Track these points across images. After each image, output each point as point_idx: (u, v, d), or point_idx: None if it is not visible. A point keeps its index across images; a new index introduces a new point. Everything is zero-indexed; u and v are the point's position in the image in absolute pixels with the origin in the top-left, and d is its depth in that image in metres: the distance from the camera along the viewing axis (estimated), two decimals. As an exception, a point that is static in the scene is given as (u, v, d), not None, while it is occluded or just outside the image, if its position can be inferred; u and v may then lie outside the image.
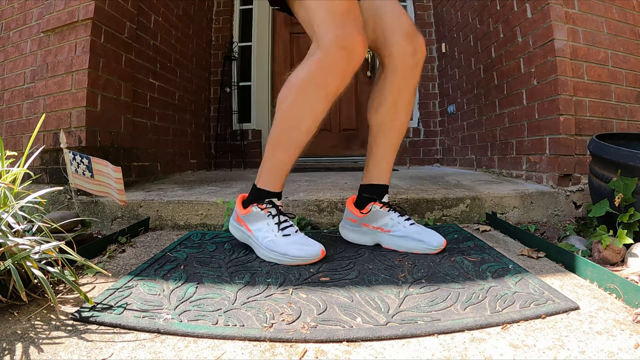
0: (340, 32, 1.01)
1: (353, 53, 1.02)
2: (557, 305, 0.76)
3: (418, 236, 1.13)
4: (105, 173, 1.24)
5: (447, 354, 0.62)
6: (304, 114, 1.08)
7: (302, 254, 1.03)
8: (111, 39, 1.78)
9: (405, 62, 1.18)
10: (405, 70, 1.19)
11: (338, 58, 1.02)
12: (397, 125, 1.22)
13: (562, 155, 1.60)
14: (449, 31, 2.93)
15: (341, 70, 1.03)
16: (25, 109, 1.85)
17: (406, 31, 1.18)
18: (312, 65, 1.05)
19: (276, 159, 1.13)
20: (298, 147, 1.11)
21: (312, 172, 2.64)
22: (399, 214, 1.19)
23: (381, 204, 1.20)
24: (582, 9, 1.65)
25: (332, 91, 1.05)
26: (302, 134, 1.09)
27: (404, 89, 1.20)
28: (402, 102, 1.21)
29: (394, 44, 1.17)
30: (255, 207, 1.12)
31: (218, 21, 3.41)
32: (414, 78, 1.21)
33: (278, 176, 1.14)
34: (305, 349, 0.63)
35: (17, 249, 0.79)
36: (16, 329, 0.70)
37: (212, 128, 3.28)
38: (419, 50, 1.18)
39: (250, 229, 1.13)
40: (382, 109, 1.21)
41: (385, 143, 1.23)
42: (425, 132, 3.32)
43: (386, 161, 1.24)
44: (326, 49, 1.02)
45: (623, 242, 1.00)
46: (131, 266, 1.05)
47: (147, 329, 0.70)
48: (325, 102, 1.06)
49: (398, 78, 1.19)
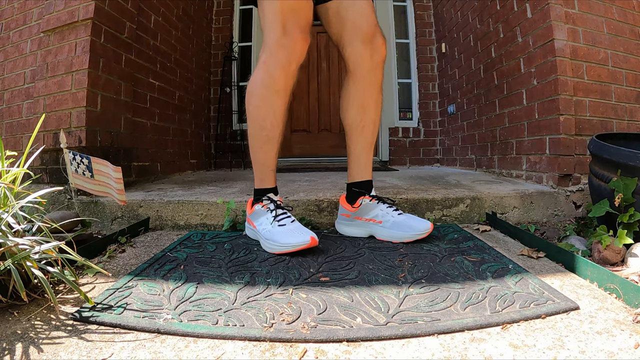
0: (281, 33, 1.10)
1: (293, 51, 1.11)
2: (557, 305, 0.76)
3: (406, 224, 1.20)
4: (105, 173, 1.24)
5: (447, 354, 0.62)
6: (264, 113, 1.18)
7: (291, 241, 1.08)
8: (111, 39, 1.78)
9: (363, 65, 1.24)
10: (364, 72, 1.25)
11: (279, 57, 1.11)
12: (367, 123, 1.29)
13: (562, 155, 1.60)
14: (449, 31, 2.93)
15: (283, 68, 1.12)
16: (25, 109, 1.85)
17: (364, 33, 1.23)
18: (260, 68, 1.15)
19: (257, 159, 1.24)
20: (270, 142, 1.20)
21: (312, 172, 2.64)
22: (388, 205, 1.27)
23: (370, 197, 1.28)
24: (582, 9, 1.65)
25: (280, 88, 1.14)
26: (268, 130, 1.19)
27: (367, 89, 1.26)
28: (368, 101, 1.27)
29: (352, 47, 1.24)
30: (257, 206, 1.22)
31: (218, 21, 3.41)
32: (375, 78, 1.27)
33: (264, 174, 1.24)
34: (305, 349, 0.63)
35: (17, 249, 0.79)
36: (16, 329, 0.70)
37: (212, 128, 3.28)
38: (377, 52, 1.23)
39: (255, 226, 1.21)
40: (351, 111, 1.29)
41: (360, 141, 1.30)
42: (425, 132, 3.32)
43: (364, 157, 1.31)
44: (269, 49, 1.13)
45: (623, 242, 1.00)
46: (131, 266, 1.05)
47: (147, 329, 0.70)
48: (279, 99, 1.16)
49: (358, 80, 1.26)
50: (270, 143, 1.20)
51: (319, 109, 3.53)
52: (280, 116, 1.18)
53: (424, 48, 3.33)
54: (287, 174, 2.55)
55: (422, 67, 3.33)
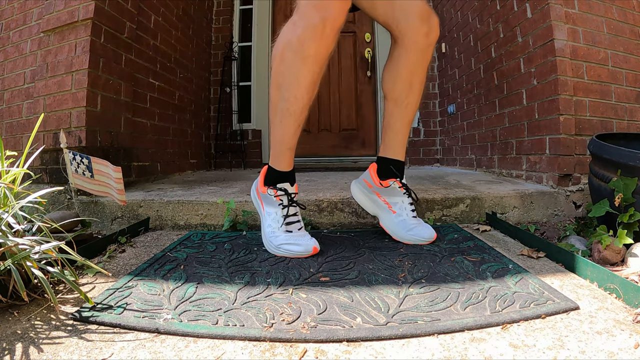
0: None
1: (328, 10, 0.98)
2: (557, 305, 0.76)
3: (412, 228, 1.20)
4: (105, 173, 1.24)
5: (447, 354, 0.62)
6: (288, 82, 1.06)
7: (293, 249, 1.09)
8: (111, 39, 1.78)
9: (419, 42, 1.19)
10: (419, 50, 1.20)
11: (311, 16, 0.99)
12: (412, 101, 1.25)
13: (562, 155, 1.60)
14: (449, 31, 2.93)
15: (315, 30, 0.99)
16: (25, 109, 1.85)
17: (420, 11, 1.17)
18: (287, 29, 1.04)
19: (274, 133, 1.15)
20: (291, 117, 1.09)
21: (312, 172, 2.64)
22: (410, 202, 1.25)
23: (401, 184, 1.25)
24: (582, 9, 1.65)
25: (310, 54, 1.01)
26: (290, 103, 1.07)
27: (418, 67, 1.22)
28: (416, 80, 1.24)
29: (408, 24, 1.17)
30: (270, 190, 1.17)
31: (218, 21, 3.41)
32: (426, 57, 1.23)
33: (281, 152, 1.15)
34: (305, 349, 0.63)
35: (17, 249, 0.79)
36: (16, 329, 0.70)
37: (212, 128, 3.28)
38: (433, 31, 1.19)
39: (264, 210, 1.19)
40: (398, 85, 1.24)
41: (401, 117, 1.27)
42: (425, 132, 3.32)
43: (402, 135, 1.28)
44: (301, 11, 1.01)
45: (623, 242, 1.00)
46: (131, 266, 1.05)
47: (147, 329, 0.70)
48: (305, 68, 1.03)
49: (411, 57, 1.21)
50: (291, 118, 1.08)
51: (319, 109, 3.52)
52: (306, 88, 1.05)
53: (424, 48, 3.33)
54: (287, 174, 2.54)
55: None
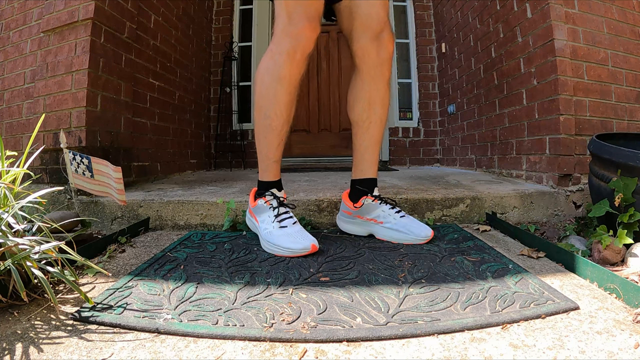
0: (287, 21, 1.11)
1: (298, 39, 1.10)
2: (557, 305, 0.76)
3: (407, 228, 1.20)
4: (105, 173, 1.24)
5: (447, 354, 0.62)
6: (268, 101, 1.16)
7: (292, 246, 1.07)
8: (111, 39, 1.78)
9: (370, 61, 1.25)
10: (370, 68, 1.25)
11: (284, 44, 1.11)
12: (374, 120, 1.28)
13: (562, 155, 1.60)
14: (449, 31, 2.93)
15: (287, 55, 1.11)
16: (25, 109, 1.85)
17: (372, 30, 1.23)
18: (266, 56, 1.16)
19: (260, 149, 1.22)
20: (273, 132, 1.18)
21: (312, 172, 2.64)
22: (390, 206, 1.27)
23: (373, 197, 1.27)
24: (582, 9, 1.65)
25: (284, 75, 1.12)
26: (271, 119, 1.17)
27: (373, 85, 1.26)
28: (374, 97, 1.27)
29: (360, 44, 1.25)
30: (260, 200, 1.21)
31: (218, 21, 3.41)
32: (382, 74, 1.26)
33: (268, 165, 1.22)
34: (305, 349, 0.63)
35: (17, 249, 0.79)
36: (16, 329, 0.70)
37: (212, 128, 3.28)
38: (383, 49, 1.23)
39: (257, 220, 1.22)
40: (357, 107, 1.29)
41: (366, 138, 1.30)
42: (425, 132, 3.32)
43: (369, 155, 1.30)
44: (276, 37, 1.13)
45: (623, 242, 1.00)
46: (131, 266, 1.05)
47: (147, 329, 0.70)
48: (282, 87, 1.14)
49: (365, 76, 1.26)
50: (273, 133, 1.18)
51: (319, 109, 3.53)
52: (284, 106, 1.16)
53: (424, 48, 3.33)
54: (287, 173, 2.54)
55: (422, 67, 3.32)
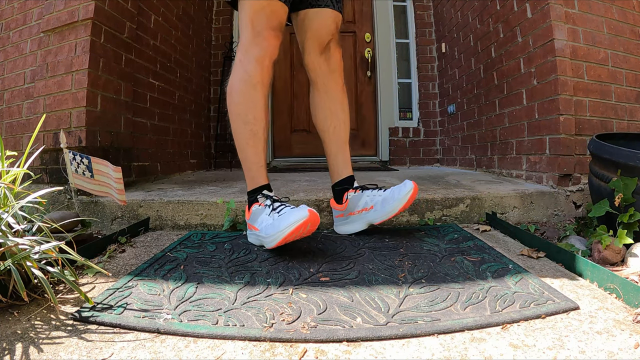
0: (253, 32, 1.16)
1: (265, 47, 1.16)
2: (557, 305, 0.76)
3: (392, 195, 1.21)
4: (105, 173, 1.24)
5: (447, 354, 0.62)
6: (246, 107, 1.19)
7: (289, 219, 1.01)
8: (111, 39, 1.78)
9: (321, 72, 1.33)
10: (323, 78, 1.33)
11: (253, 52, 1.16)
12: (337, 124, 1.36)
13: (562, 155, 1.60)
14: (449, 31, 2.93)
15: (257, 62, 1.16)
16: (25, 109, 1.85)
17: (320, 44, 1.31)
18: (236, 67, 1.20)
19: (245, 157, 1.22)
20: (255, 137, 1.20)
21: (312, 172, 2.64)
22: (372, 189, 1.29)
23: (354, 189, 1.30)
24: (582, 9, 1.65)
25: (258, 81, 1.17)
26: (252, 124, 1.19)
27: (329, 94, 1.34)
28: (333, 105, 1.35)
29: (310, 57, 1.33)
30: (254, 207, 1.20)
31: (218, 21, 3.41)
32: (334, 82, 1.34)
33: (255, 171, 1.22)
34: (305, 349, 0.63)
35: (17, 249, 0.79)
36: (16, 329, 0.70)
37: (212, 128, 3.28)
38: (331, 58, 1.33)
39: (257, 227, 1.17)
40: (319, 117, 1.37)
41: (333, 142, 1.37)
42: (425, 132, 3.32)
43: (341, 155, 1.37)
44: (244, 48, 1.18)
45: (623, 242, 1.00)
46: (131, 266, 1.05)
47: (147, 329, 0.70)
48: (257, 92, 1.18)
49: (320, 87, 1.35)
50: (256, 137, 1.20)
51: (319, 109, 3.52)
52: (262, 109, 1.19)
53: (424, 48, 3.33)
54: (287, 174, 2.54)
55: (422, 67, 3.32)
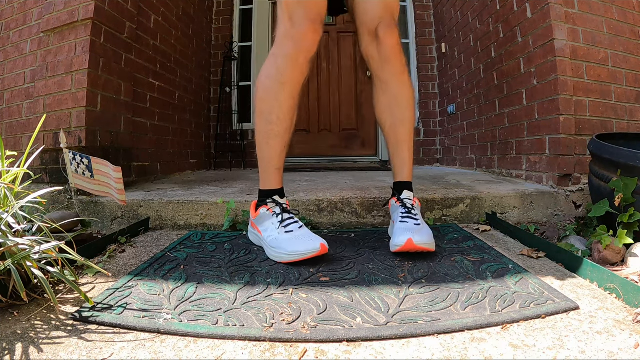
0: (289, 24, 1.09)
1: (300, 42, 1.08)
2: (557, 305, 0.76)
3: (396, 233, 1.10)
4: (105, 173, 1.24)
5: (447, 354, 0.62)
6: (270, 106, 1.13)
7: (299, 248, 1.01)
8: (111, 39, 1.78)
9: (374, 63, 1.22)
10: (378, 70, 1.23)
11: (286, 48, 1.10)
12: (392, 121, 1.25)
13: (562, 155, 1.60)
14: (449, 31, 2.93)
15: (290, 59, 1.09)
16: (25, 109, 1.85)
17: (368, 27, 1.20)
18: (267, 61, 1.14)
19: (262, 156, 1.18)
20: (276, 138, 1.15)
21: (312, 172, 2.64)
22: (402, 211, 1.18)
23: (398, 200, 1.22)
24: (582, 9, 1.65)
25: (286, 80, 1.10)
26: (274, 124, 1.13)
27: (385, 85, 1.23)
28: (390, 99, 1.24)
29: (362, 47, 1.24)
30: (262, 209, 1.16)
31: (218, 21, 3.41)
32: (389, 73, 1.22)
33: (270, 173, 1.18)
34: (305, 349, 0.63)
35: (17, 249, 0.79)
36: (16, 329, 0.70)
37: (212, 128, 3.28)
38: (382, 46, 1.18)
39: (261, 232, 1.15)
40: (377, 109, 1.28)
41: (390, 140, 1.27)
42: (425, 132, 3.32)
43: (398, 158, 1.27)
44: (278, 41, 1.11)
45: (623, 242, 1.00)
46: (131, 266, 1.05)
47: (147, 329, 0.70)
48: (284, 92, 1.11)
49: (375, 79, 1.25)
50: (277, 138, 1.14)
51: (319, 109, 3.53)
52: (287, 110, 1.13)
53: (424, 48, 3.33)
54: (287, 174, 2.54)
55: (422, 67, 3.32)
